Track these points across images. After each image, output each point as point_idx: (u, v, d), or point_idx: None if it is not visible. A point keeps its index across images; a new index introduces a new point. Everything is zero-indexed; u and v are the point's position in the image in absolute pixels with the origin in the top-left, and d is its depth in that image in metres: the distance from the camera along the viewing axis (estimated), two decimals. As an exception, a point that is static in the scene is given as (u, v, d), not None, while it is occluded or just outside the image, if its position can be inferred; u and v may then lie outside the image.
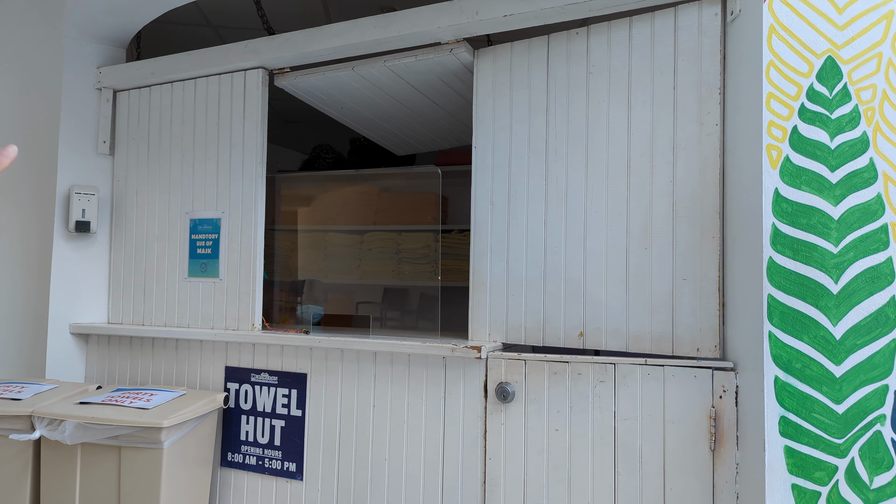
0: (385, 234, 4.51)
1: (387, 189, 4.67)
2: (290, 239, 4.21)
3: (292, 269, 4.16)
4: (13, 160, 0.72)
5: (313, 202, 4.28)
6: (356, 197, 4.53)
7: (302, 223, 4.15)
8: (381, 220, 4.50)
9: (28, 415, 2.08)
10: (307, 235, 4.15)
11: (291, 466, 2.27)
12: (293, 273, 4.15)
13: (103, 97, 2.79)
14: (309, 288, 4.07)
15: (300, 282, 4.07)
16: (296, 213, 4.17)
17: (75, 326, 2.70)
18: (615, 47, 1.95)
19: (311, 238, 4.25)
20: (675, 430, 1.74)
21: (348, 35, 2.22)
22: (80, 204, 2.69)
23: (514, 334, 2.07)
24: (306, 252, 4.20)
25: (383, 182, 4.39)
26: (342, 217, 4.41)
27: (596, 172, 1.96)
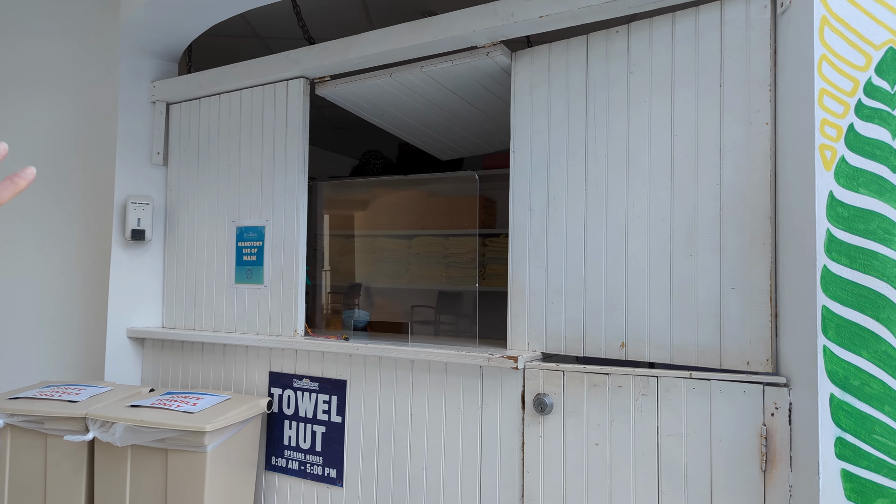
0: (433, 239, 4.50)
1: (434, 193, 4.67)
2: (338, 244, 4.27)
3: (341, 274, 4.21)
4: (31, 182, 0.73)
5: (361, 207, 4.32)
6: (404, 202, 4.55)
7: (349, 228, 4.19)
8: (428, 224, 4.50)
9: (82, 417, 2.17)
10: (355, 240, 4.19)
11: (332, 472, 2.28)
12: (341, 278, 4.19)
13: (157, 110, 2.90)
14: (359, 293, 4.11)
15: (349, 286, 4.11)
16: (342, 218, 4.22)
17: (131, 330, 2.81)
18: (657, 44, 1.87)
19: (360, 243, 4.29)
20: (723, 449, 1.64)
21: (384, 42, 2.22)
22: (136, 213, 2.80)
23: (553, 344, 2.01)
24: (354, 257, 4.23)
25: (429, 187, 4.39)
26: (390, 222, 4.43)
27: (637, 176, 1.88)
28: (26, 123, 3.17)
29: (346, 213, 4.22)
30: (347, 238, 4.20)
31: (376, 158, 5.09)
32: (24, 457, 2.25)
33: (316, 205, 3.68)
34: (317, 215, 3.76)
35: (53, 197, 3.14)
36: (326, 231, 4.15)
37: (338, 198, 4.23)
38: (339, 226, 4.27)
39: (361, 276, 4.24)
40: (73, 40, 3.19)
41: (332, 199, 4.05)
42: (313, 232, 3.96)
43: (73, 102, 3.16)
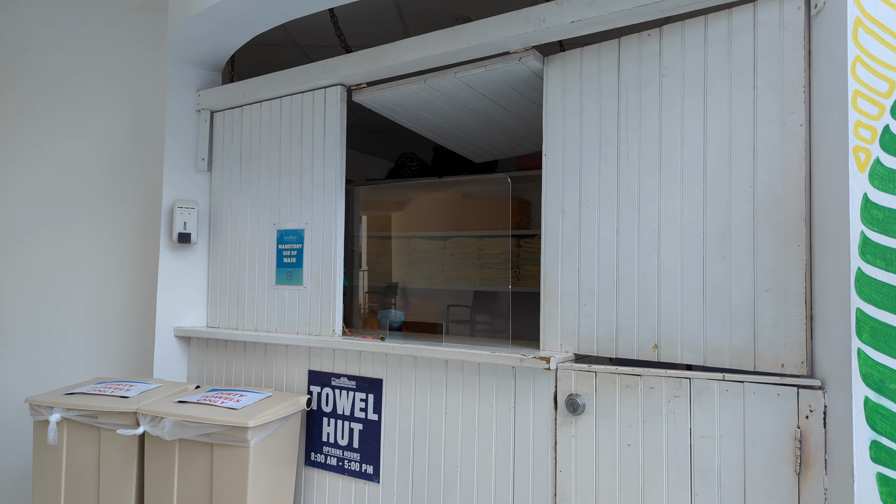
0: (467, 240, 4.54)
1: (468, 195, 4.71)
2: (375, 245, 4.35)
3: (378, 275, 4.29)
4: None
5: (397, 209, 4.39)
6: (439, 203, 4.60)
7: (386, 230, 4.27)
8: (463, 225, 4.55)
9: (134, 411, 2.29)
10: (391, 242, 4.26)
11: (369, 469, 2.35)
12: (378, 278, 4.27)
13: (202, 118, 3.01)
14: (395, 293, 4.18)
15: (385, 286, 4.18)
16: (379, 219, 4.30)
17: (178, 330, 2.93)
18: (689, 47, 1.87)
19: (396, 244, 4.36)
20: (757, 451, 1.64)
21: (418, 49, 2.27)
22: (182, 217, 2.92)
23: (585, 345, 2.03)
24: (391, 258, 4.31)
25: (463, 188, 4.43)
26: (426, 223, 4.49)
27: (670, 178, 1.89)
28: (82, 131, 3.34)
29: (382, 214, 4.29)
30: (384, 239, 4.27)
31: (412, 161, 5.16)
32: (80, 449, 2.38)
33: (353, 207, 3.77)
34: (354, 217, 3.85)
35: (106, 202, 3.29)
36: (364, 232, 4.23)
37: (374, 200, 4.31)
38: (376, 227, 4.35)
39: (397, 276, 4.31)
40: (126, 53, 3.34)
41: (368, 201, 4.13)
42: (350, 234, 4.05)
43: (125, 111, 3.32)
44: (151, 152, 3.26)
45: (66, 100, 3.35)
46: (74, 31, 3.38)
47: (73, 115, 3.34)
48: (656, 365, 1.89)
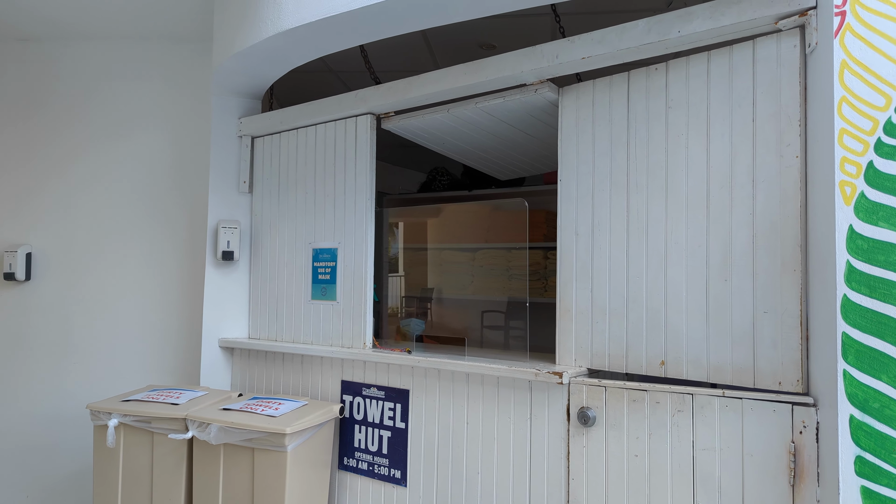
0: (496, 252, 4.69)
1: (498, 208, 4.85)
2: (408, 256, 4.52)
3: (410, 285, 4.46)
4: None
5: (427, 222, 4.56)
6: (469, 216, 4.76)
7: (418, 242, 4.44)
8: (492, 238, 4.69)
9: (183, 417, 2.50)
10: (422, 254, 4.43)
11: (397, 473, 2.51)
12: (411, 288, 4.44)
13: (243, 143, 3.24)
14: (431, 300, 4.34)
15: (420, 295, 4.35)
16: (411, 232, 4.47)
17: (223, 341, 3.16)
18: (693, 81, 1.99)
19: (425, 256, 4.53)
20: (754, 463, 1.75)
21: (441, 82, 2.43)
22: (226, 236, 3.15)
23: (598, 360, 2.16)
24: (424, 268, 4.47)
25: (487, 203, 4.58)
26: (456, 235, 4.65)
27: (676, 204, 2.01)
28: (135, 157, 3.61)
29: (415, 226, 4.46)
30: (416, 251, 4.44)
31: (442, 175, 5.34)
32: (135, 452, 2.61)
33: (382, 227, 3.96)
34: (383, 237, 4.04)
35: (156, 221, 3.56)
36: (401, 243, 4.41)
37: (406, 212, 4.49)
38: (409, 239, 4.52)
39: (429, 286, 4.48)
40: (174, 83, 3.61)
41: (401, 213, 4.31)
42: (380, 252, 4.24)
43: (172, 138, 3.58)
44: (198, 176, 3.51)
45: (122, 127, 3.64)
46: (127, 63, 3.66)
47: (128, 141, 3.62)
48: (662, 381, 2.01)
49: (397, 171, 6.10)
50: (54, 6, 3.18)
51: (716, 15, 1.85)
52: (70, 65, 3.69)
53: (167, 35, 3.52)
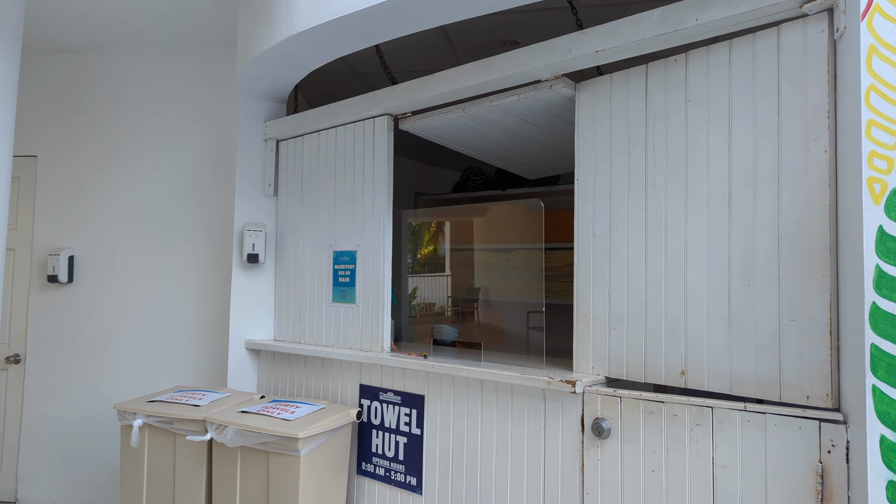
0: (530, 252, 4.58)
1: (532, 208, 4.74)
2: (437, 259, 4.47)
3: (442, 286, 4.41)
4: None
5: (460, 223, 4.50)
6: (502, 216, 4.67)
7: (454, 243, 4.38)
8: (526, 238, 4.59)
9: (202, 419, 2.53)
10: (454, 255, 4.37)
11: (412, 480, 2.47)
12: (442, 290, 4.39)
13: (268, 147, 3.26)
14: (476, 303, 4.28)
15: (465, 297, 4.29)
16: (444, 232, 4.41)
17: (249, 343, 3.19)
18: (714, 72, 1.86)
19: (459, 257, 4.47)
20: (779, 484, 1.62)
21: (454, 81, 2.37)
22: (251, 239, 3.17)
23: (615, 369, 2.05)
24: (460, 270, 4.42)
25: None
26: (489, 236, 4.57)
27: (696, 204, 1.89)
28: (169, 163, 3.70)
29: (452, 226, 4.41)
30: (453, 252, 4.38)
31: (476, 175, 5.27)
32: (159, 451, 2.65)
33: (401, 229, 3.92)
34: (402, 238, 4.00)
35: (188, 225, 3.63)
36: (448, 245, 4.36)
37: (421, 216, 4.44)
38: (438, 241, 4.47)
39: (461, 288, 4.42)
40: (202, 88, 3.67)
41: (415, 217, 4.27)
42: (398, 254, 4.20)
43: (204, 143, 3.64)
44: (227, 179, 3.56)
45: (154, 133, 3.72)
46: (159, 70, 3.74)
47: (160, 146, 3.71)
48: (682, 392, 1.89)
49: (433, 170, 6.06)
50: (93, 19, 3.28)
51: (735, 1, 1.72)
52: (108, 74, 3.80)
53: (199, 42, 3.58)
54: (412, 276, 3.60)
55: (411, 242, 3.64)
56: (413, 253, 3.66)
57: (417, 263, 3.79)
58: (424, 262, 4.10)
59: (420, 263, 3.95)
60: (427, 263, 4.05)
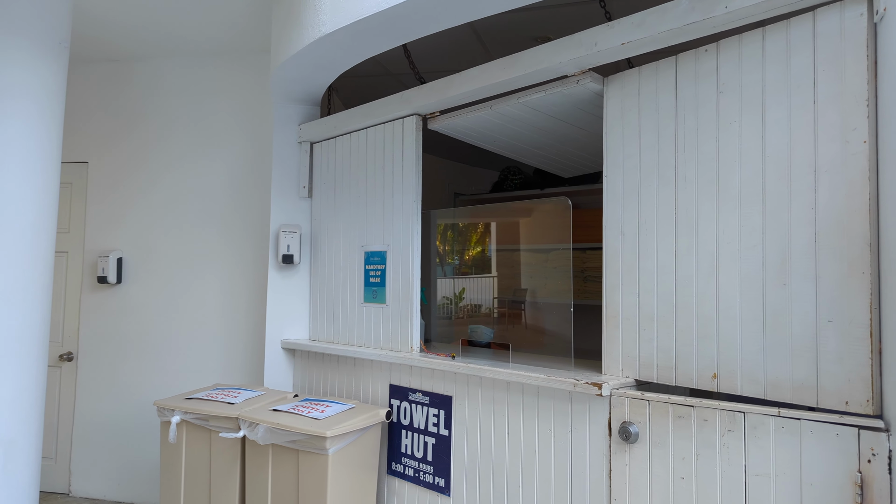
0: (560, 252, 4.50)
1: (575, 206, 4.66)
2: (482, 258, 4.43)
3: (482, 287, 4.37)
4: None
5: (498, 223, 4.46)
6: (542, 216, 4.61)
7: (475, 242, 4.34)
8: (567, 237, 4.51)
9: (236, 417, 2.58)
10: (485, 256, 4.32)
11: (441, 482, 2.45)
12: (482, 291, 4.35)
13: (302, 149, 3.31)
14: (524, 304, 4.23)
15: (511, 299, 4.25)
16: (477, 234, 4.38)
17: (285, 342, 3.24)
18: (746, 62, 1.78)
19: (500, 257, 4.43)
20: (815, 494, 1.53)
21: (480, 79, 2.35)
22: (287, 240, 3.22)
23: (645, 371, 1.99)
24: (503, 270, 4.37)
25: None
26: (528, 236, 4.52)
27: (728, 199, 1.81)
28: (207, 167, 3.80)
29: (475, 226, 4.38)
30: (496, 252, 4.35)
31: (515, 174, 5.22)
32: (196, 447, 2.72)
33: (430, 229, 3.92)
34: (431, 239, 4.00)
35: (227, 227, 3.71)
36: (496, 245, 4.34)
37: (449, 216, 4.41)
38: (471, 241, 4.44)
39: (502, 289, 4.37)
40: (242, 92, 3.75)
41: (444, 217, 4.25)
42: (428, 254, 4.19)
43: (245, 146, 3.72)
44: (262, 182, 3.63)
45: (195, 138, 3.83)
46: (199, 77, 3.85)
47: (201, 152, 3.81)
48: (713, 396, 1.82)
49: (472, 171, 6.04)
50: (136, 29, 3.40)
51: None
52: (152, 82, 3.93)
53: (238, 48, 3.67)
54: (457, 277, 3.58)
55: (448, 244, 3.63)
56: (451, 253, 3.65)
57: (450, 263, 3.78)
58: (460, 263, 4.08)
59: (453, 264, 3.93)
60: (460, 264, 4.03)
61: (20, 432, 2.68)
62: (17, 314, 2.67)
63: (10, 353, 2.65)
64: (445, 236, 3.69)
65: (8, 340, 2.64)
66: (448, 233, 3.78)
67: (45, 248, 2.80)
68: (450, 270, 3.61)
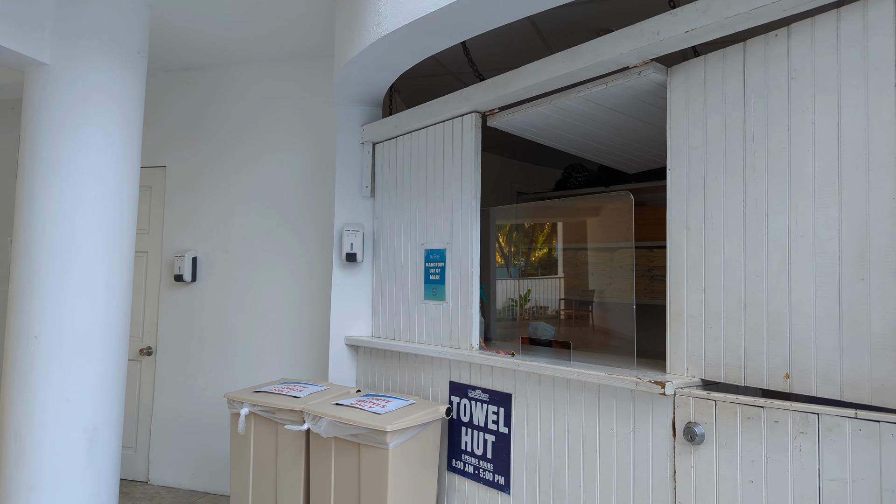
0: (636, 251, 4.39)
1: (642, 203, 4.55)
2: (546, 257, 4.39)
3: (547, 287, 4.33)
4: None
5: (559, 222, 4.40)
6: (603, 213, 4.52)
7: (542, 242, 4.30)
8: (629, 234, 4.40)
9: (300, 410, 2.65)
10: (547, 254, 4.28)
11: (500, 480, 2.44)
12: (547, 290, 4.31)
13: (365, 150, 3.37)
14: (591, 306, 4.18)
15: (580, 299, 4.20)
16: (547, 232, 4.34)
17: (348, 339, 3.31)
18: (820, 45, 1.69)
19: (565, 256, 4.37)
20: None
21: (539, 73, 2.33)
22: (350, 238, 3.30)
23: (712, 371, 1.91)
24: (569, 269, 4.32)
25: (638, 196, 4.33)
26: (589, 235, 4.44)
27: (800, 191, 1.72)
28: (278, 168, 3.93)
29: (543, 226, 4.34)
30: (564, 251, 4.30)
31: (579, 172, 5.14)
32: (263, 439, 2.82)
33: (489, 227, 3.90)
34: (490, 236, 3.98)
35: (291, 228, 3.83)
36: (561, 244, 4.31)
37: (509, 214, 4.38)
38: (536, 241, 4.40)
39: (569, 289, 4.32)
40: (309, 98, 3.87)
41: (503, 215, 4.24)
42: (487, 252, 4.16)
43: (310, 148, 3.84)
44: (326, 182, 3.72)
45: (263, 141, 3.97)
46: (267, 83, 3.99)
47: (268, 154, 3.95)
48: (784, 397, 1.73)
49: (537, 169, 6.00)
50: (214, 38, 3.56)
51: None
52: (223, 88, 4.11)
53: (305, 54, 3.78)
54: (522, 279, 3.57)
55: (514, 244, 3.62)
56: (518, 255, 3.64)
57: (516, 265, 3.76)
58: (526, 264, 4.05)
59: (519, 265, 3.91)
60: (526, 265, 4.00)
61: (103, 421, 2.86)
62: (100, 311, 2.85)
63: (94, 347, 2.83)
64: (511, 237, 3.68)
65: (91, 335, 2.82)
66: (513, 234, 3.76)
67: (126, 249, 2.98)
68: (515, 272, 3.59)
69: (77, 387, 2.76)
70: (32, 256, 2.75)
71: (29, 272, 2.75)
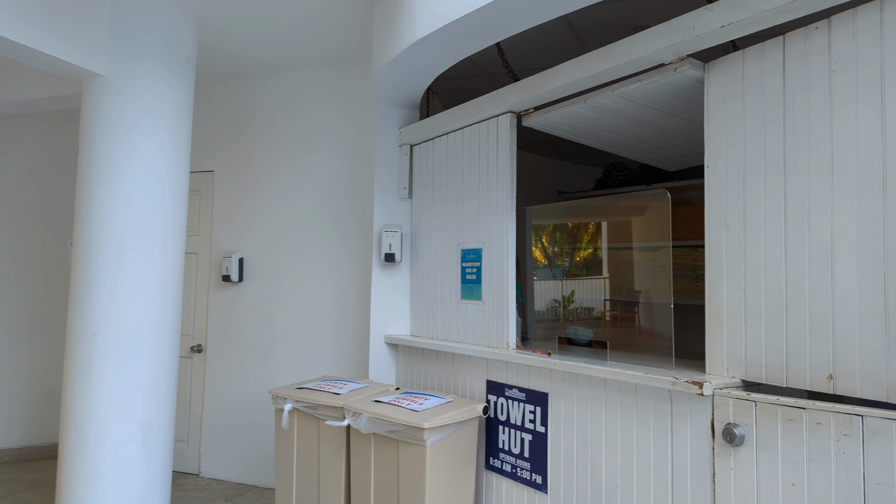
0: (679, 250, 4.32)
1: (685, 201, 4.47)
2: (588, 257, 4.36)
3: (588, 287, 4.30)
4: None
5: (597, 221, 4.36)
6: (650, 212, 4.46)
7: (585, 243, 4.26)
8: (676, 235, 4.34)
9: (341, 406, 2.72)
10: (583, 254, 4.24)
11: (538, 479, 2.45)
12: (588, 290, 4.28)
13: (403, 152, 3.42)
14: (637, 307, 4.14)
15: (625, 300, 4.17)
16: (584, 232, 4.31)
17: (388, 338, 3.36)
18: (862, 37, 1.64)
19: (600, 258, 4.33)
20: (948, 509, 1.38)
21: (573, 72, 2.32)
22: (388, 239, 3.35)
23: (752, 371, 1.88)
24: (611, 270, 4.28)
25: (680, 195, 4.26)
26: (625, 234, 4.39)
27: (843, 186, 1.67)
28: (318, 171, 4.02)
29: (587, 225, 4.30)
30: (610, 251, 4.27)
31: (619, 170, 5.08)
32: (305, 434, 2.89)
33: (525, 227, 3.90)
34: (526, 236, 3.97)
35: (333, 228, 3.91)
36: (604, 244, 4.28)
37: (579, 212, 4.35)
38: (578, 240, 4.37)
39: (600, 289, 4.28)
40: (346, 102, 3.94)
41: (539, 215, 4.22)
42: (523, 251, 4.15)
43: (348, 151, 3.91)
44: (365, 184, 3.79)
45: (305, 145, 4.07)
46: (308, 88, 4.08)
47: (310, 158, 4.04)
48: (824, 398, 1.68)
49: (578, 168, 5.95)
50: (257, 46, 3.67)
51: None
52: (267, 95, 4.23)
53: (344, 59, 3.86)
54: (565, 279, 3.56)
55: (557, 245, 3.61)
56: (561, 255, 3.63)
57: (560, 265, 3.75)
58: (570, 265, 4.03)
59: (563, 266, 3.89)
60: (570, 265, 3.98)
61: (156, 414, 2.99)
62: (153, 309, 2.98)
63: (148, 343, 2.96)
64: (554, 237, 3.67)
65: (146, 332, 2.95)
66: (556, 234, 3.75)
67: (177, 250, 3.10)
68: (559, 272, 3.58)
69: (132, 381, 2.90)
70: (90, 257, 2.90)
71: (87, 272, 2.90)
